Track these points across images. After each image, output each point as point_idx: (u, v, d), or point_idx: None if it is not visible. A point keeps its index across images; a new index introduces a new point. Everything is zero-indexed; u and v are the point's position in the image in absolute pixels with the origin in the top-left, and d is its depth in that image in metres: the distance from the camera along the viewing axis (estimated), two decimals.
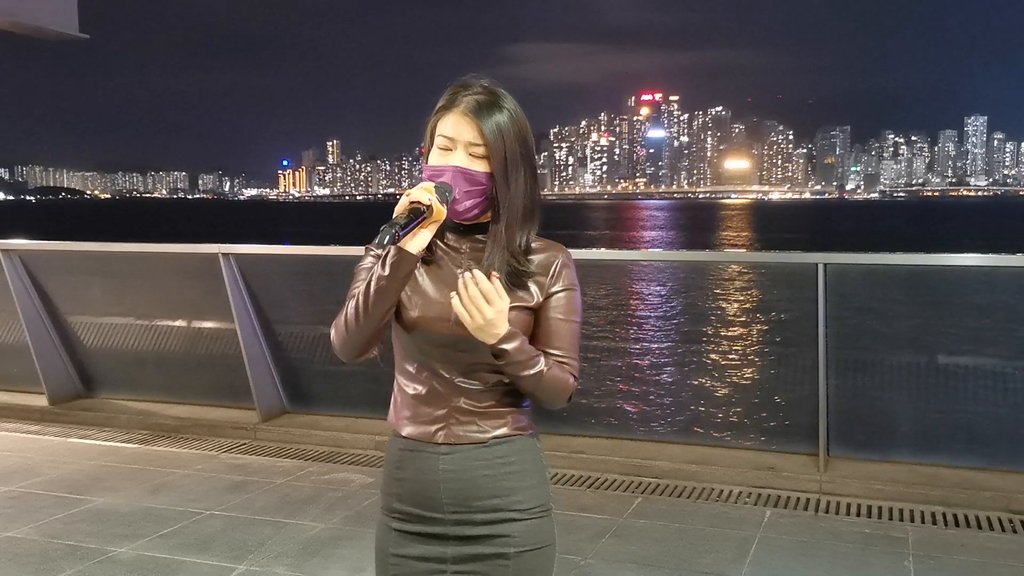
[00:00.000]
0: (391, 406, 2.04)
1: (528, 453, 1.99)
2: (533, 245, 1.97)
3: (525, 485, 1.97)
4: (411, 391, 1.97)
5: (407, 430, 1.98)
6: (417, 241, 1.83)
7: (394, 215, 1.81)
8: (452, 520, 1.95)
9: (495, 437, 1.95)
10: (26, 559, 4.22)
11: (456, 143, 1.91)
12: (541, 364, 1.87)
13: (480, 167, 1.91)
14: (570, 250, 2.03)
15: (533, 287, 1.94)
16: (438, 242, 1.95)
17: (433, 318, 1.90)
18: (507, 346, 1.82)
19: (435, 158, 1.94)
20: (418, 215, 1.81)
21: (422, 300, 1.91)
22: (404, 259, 1.82)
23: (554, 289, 1.95)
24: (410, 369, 1.97)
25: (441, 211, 1.84)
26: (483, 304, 1.77)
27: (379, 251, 1.93)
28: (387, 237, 1.74)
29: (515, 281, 1.92)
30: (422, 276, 1.93)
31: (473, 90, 1.93)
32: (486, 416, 1.94)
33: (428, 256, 1.93)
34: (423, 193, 1.82)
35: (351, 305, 1.88)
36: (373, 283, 1.83)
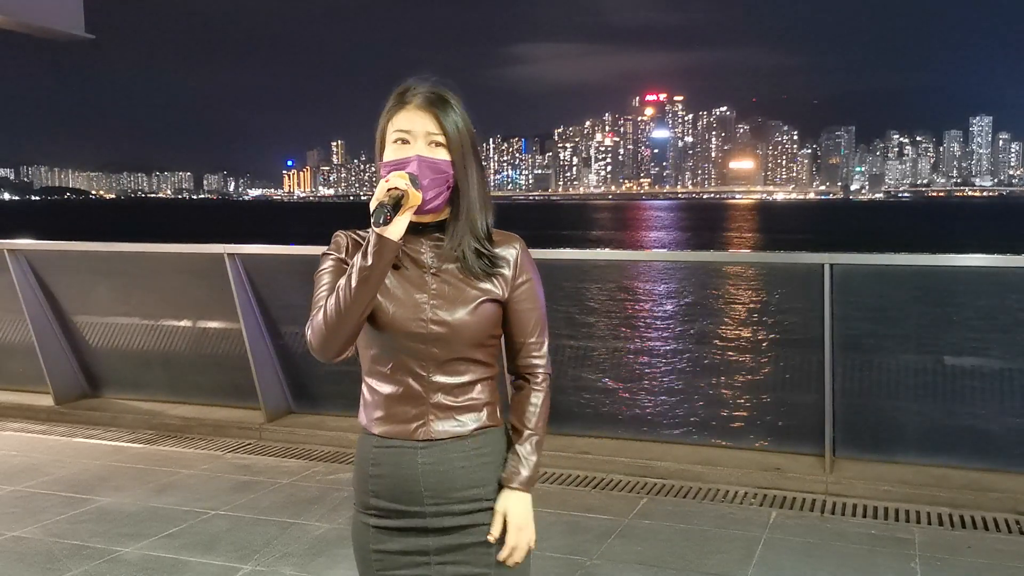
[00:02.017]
0: (360, 409, 2.06)
1: (501, 444, 2.05)
2: (492, 237, 2.03)
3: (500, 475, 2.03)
4: (386, 391, 1.99)
5: (382, 429, 2.00)
6: (395, 228, 1.87)
7: (373, 202, 1.84)
8: (432, 512, 1.98)
9: (472, 430, 1.99)
10: (32, 559, 4.23)
11: (414, 136, 1.95)
12: (536, 441, 2.04)
13: (441, 155, 1.95)
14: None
15: (498, 279, 2.00)
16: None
17: (407, 317, 1.94)
18: (530, 490, 2.03)
19: (392, 153, 1.96)
20: (398, 201, 1.84)
21: (393, 301, 1.95)
22: (386, 246, 1.86)
23: (519, 281, 2.03)
24: (383, 371, 1.99)
25: (417, 196, 1.88)
26: (523, 546, 2.00)
27: (340, 255, 2.00)
28: (381, 217, 1.81)
29: (485, 268, 1.98)
30: (390, 279, 1.96)
31: (421, 88, 1.98)
32: (462, 410, 1.99)
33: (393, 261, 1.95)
34: (399, 179, 1.86)
35: (331, 301, 1.89)
36: (355, 274, 1.86)
